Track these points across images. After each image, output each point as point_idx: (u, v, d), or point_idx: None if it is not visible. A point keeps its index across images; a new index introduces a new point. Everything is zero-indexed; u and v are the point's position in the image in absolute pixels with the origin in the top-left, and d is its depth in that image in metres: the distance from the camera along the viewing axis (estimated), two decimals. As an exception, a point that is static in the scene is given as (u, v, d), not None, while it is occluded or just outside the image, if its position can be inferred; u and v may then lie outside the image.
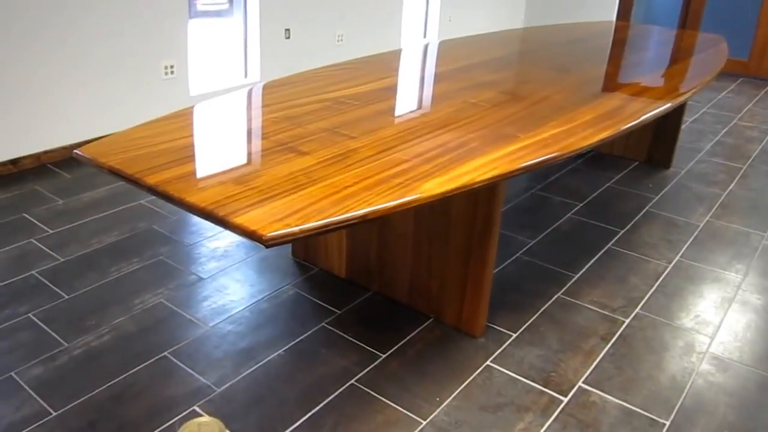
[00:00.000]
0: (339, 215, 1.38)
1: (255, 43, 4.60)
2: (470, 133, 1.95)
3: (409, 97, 2.30)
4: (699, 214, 3.25)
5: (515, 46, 3.27)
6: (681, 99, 2.51)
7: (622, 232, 3.03)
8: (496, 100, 2.31)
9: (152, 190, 1.49)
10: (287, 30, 4.75)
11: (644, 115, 2.25)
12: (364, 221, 1.43)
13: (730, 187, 3.60)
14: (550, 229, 3.02)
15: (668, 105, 2.38)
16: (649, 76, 2.82)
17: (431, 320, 2.28)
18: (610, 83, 2.66)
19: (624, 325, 2.33)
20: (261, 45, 4.59)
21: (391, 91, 2.36)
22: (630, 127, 2.14)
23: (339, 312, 2.29)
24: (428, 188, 1.55)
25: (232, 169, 1.59)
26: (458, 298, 2.19)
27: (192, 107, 2.10)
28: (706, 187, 3.58)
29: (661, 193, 3.47)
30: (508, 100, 2.31)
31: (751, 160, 4.01)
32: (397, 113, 2.09)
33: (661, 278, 2.65)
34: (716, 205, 3.35)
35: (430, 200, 1.52)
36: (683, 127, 4.55)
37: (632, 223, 3.12)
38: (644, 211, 3.26)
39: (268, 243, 1.24)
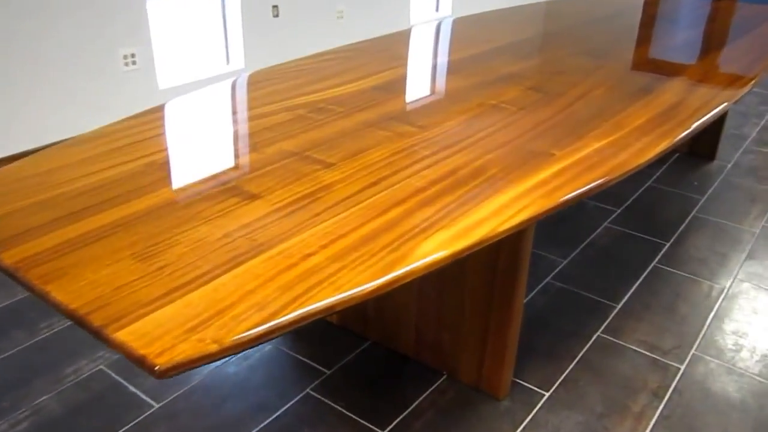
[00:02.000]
0: (287, 314, 0.94)
1: (236, 23, 4.12)
2: (489, 152, 1.50)
3: (409, 99, 1.85)
4: (753, 218, 2.80)
5: (540, 25, 2.80)
6: (747, 87, 2.04)
7: (668, 245, 2.58)
8: (522, 100, 1.86)
9: (10, 275, 1.05)
10: (275, 7, 4.27)
11: (709, 112, 1.79)
12: (331, 313, 0.99)
13: (786, 184, 3.14)
14: (584, 244, 2.58)
15: (735, 96, 1.92)
16: (700, 59, 2.35)
17: (444, 378, 1.85)
18: (658, 70, 2.19)
19: (679, 375, 1.90)
20: (243, 25, 4.11)
21: (388, 90, 1.91)
22: (694, 129, 1.69)
23: (328, 372, 1.86)
24: (428, 250, 1.11)
25: (138, 233, 1.15)
26: (477, 352, 1.76)
27: (120, 122, 1.66)
28: (758, 184, 3.12)
29: (708, 193, 3.02)
30: (537, 100, 1.85)
31: (804, 147, 3.54)
32: (392, 124, 1.65)
33: (716, 307, 2.21)
34: (773, 207, 2.90)
35: (431, 269, 1.09)
36: (724, 110, 4.07)
37: (678, 232, 2.68)
38: (690, 216, 2.81)
39: (162, 374, 0.81)
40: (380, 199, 1.27)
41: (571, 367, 1.93)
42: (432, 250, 1.10)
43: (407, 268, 1.06)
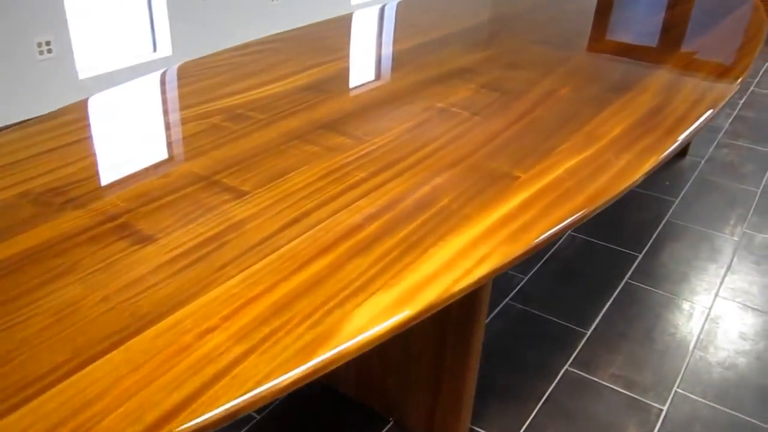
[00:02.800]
0: (172, 429, 0.68)
1: (161, 8, 3.79)
2: (439, 173, 1.25)
3: (344, 102, 1.59)
4: (732, 224, 2.62)
5: (492, 7, 2.55)
6: (738, 82, 1.84)
7: (640, 257, 2.38)
8: (476, 102, 1.61)
9: None
10: (204, -12, 3.94)
11: (699, 118, 1.58)
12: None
13: (764, 182, 2.97)
14: (547, 256, 2.36)
15: (725, 95, 1.71)
16: (677, 48, 2.14)
17: (389, 425, 1.61)
18: (631, 62, 1.97)
19: (661, 418, 1.70)
20: (169, 10, 3.78)
21: (319, 91, 1.65)
22: (683, 141, 1.47)
23: (258, 417, 1.60)
24: (361, 324, 0.87)
25: None
26: (428, 396, 1.53)
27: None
28: (735, 182, 2.95)
29: (682, 194, 2.83)
30: (493, 103, 1.61)
31: (779, 141, 3.39)
32: (321, 136, 1.39)
33: (698, 333, 2.02)
34: (751, 211, 2.72)
35: (366, 349, 0.84)
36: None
37: (651, 241, 2.48)
38: (664, 221, 2.61)
39: None
40: (302, 244, 1.02)
41: (537, 409, 1.71)
42: (366, 325, 0.86)
43: (334, 351, 0.81)
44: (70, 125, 1.44)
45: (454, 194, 1.20)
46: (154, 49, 3.97)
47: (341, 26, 2.27)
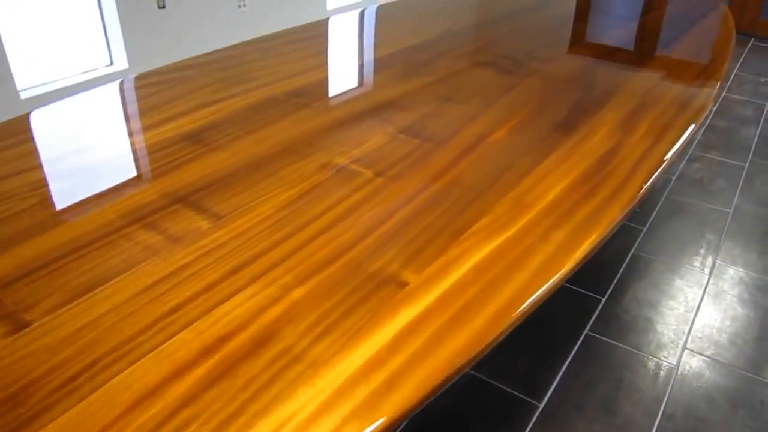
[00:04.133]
0: None
1: (113, 17, 3.35)
2: (303, 280, 0.86)
3: (220, 160, 1.18)
4: (702, 255, 2.21)
5: (449, 21, 2.11)
6: (703, 114, 1.43)
7: (603, 300, 1.97)
8: (389, 155, 1.21)
9: None
10: (160, -3, 3.50)
11: (658, 167, 1.17)
12: None
13: (735, 201, 2.55)
14: (497, 304, 1.94)
15: (685, 131, 1.30)
16: (641, 67, 1.72)
17: None
18: (592, 87, 1.56)
19: None
20: (121, 19, 3.34)
21: (198, 141, 1.25)
22: (641, 198, 1.06)
23: None
24: None
25: None
26: None
27: None
28: (706, 203, 2.53)
29: (650, 221, 2.42)
30: (409, 155, 1.20)
31: (752, 153, 2.97)
32: (167, 219, 0.99)
33: (664, 400, 1.62)
34: (723, 236, 2.31)
35: None
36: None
37: (615, 280, 2.07)
38: (630, 255, 2.20)
39: None
40: (85, 412, 0.61)
41: None
42: None
43: None
44: None
45: (313, 318, 0.79)
46: (110, 62, 3.54)
47: (271, 47, 1.84)
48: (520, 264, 0.89)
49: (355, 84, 1.56)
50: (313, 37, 1.93)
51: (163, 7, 3.54)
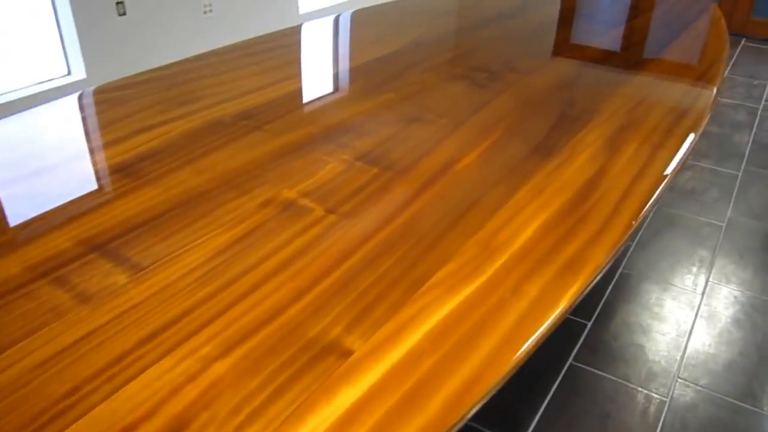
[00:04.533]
0: None
1: (69, 23, 3.21)
2: (227, 351, 0.76)
3: (150, 197, 1.07)
4: (695, 273, 2.11)
5: (424, 27, 1.99)
6: (697, 132, 1.32)
7: (590, 325, 1.86)
8: (343, 186, 1.09)
9: None
10: (120, 3, 3.37)
11: (648, 199, 1.06)
12: None
13: (728, 214, 2.46)
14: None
15: (682, 152, 1.19)
16: (628, 79, 1.62)
17: None
18: (574, 103, 1.45)
19: None
20: (78, 26, 3.21)
21: (128, 174, 1.13)
22: (627, 238, 0.95)
23: None
24: None
25: None
26: None
27: None
28: (698, 215, 2.43)
29: (639, 236, 2.31)
30: (366, 186, 1.09)
31: (745, 160, 2.88)
32: (78, 273, 0.89)
33: (662, 449, 1.52)
34: (716, 252, 2.21)
35: None
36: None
37: (602, 302, 1.96)
38: (618, 274, 2.10)
39: None
40: None
41: None
42: None
43: None
44: None
45: (233, 402, 0.67)
46: (68, 72, 3.41)
47: (228, 60, 1.72)
48: (486, 326, 0.78)
49: (312, 103, 1.44)
50: (274, 49, 1.81)
51: (124, 14, 3.41)
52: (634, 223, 1.02)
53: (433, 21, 2.15)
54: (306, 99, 1.47)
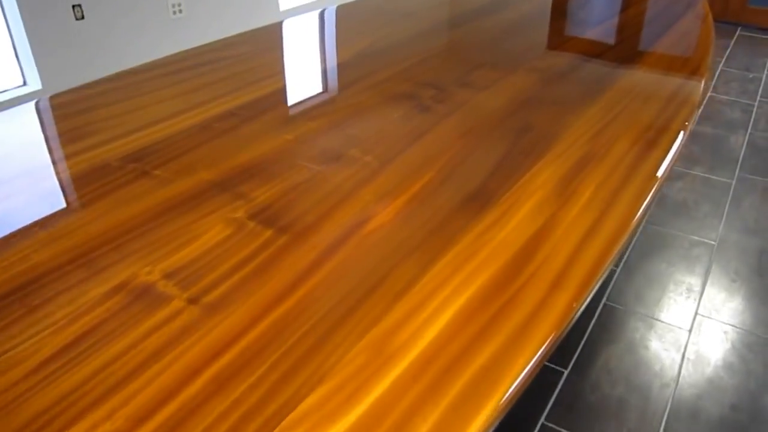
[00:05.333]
0: None
1: (19, 30, 2.97)
2: None
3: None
4: (683, 305, 1.86)
5: (374, 35, 1.73)
6: (672, 152, 1.08)
7: (567, 372, 1.63)
8: (222, 259, 0.89)
9: None
10: (77, 6, 3.12)
11: (602, 267, 0.82)
12: None
13: (720, 231, 2.21)
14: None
15: (648, 198, 0.95)
16: (598, 93, 1.37)
17: None
18: (523, 127, 1.21)
19: None
20: (29, 34, 2.97)
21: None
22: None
23: None
24: None
25: None
26: None
27: None
28: (688, 233, 2.19)
29: (625, 259, 2.07)
30: (250, 258, 0.88)
31: (739, 166, 2.62)
32: None
33: None
34: (707, 277, 1.96)
35: None
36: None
37: (583, 344, 1.72)
38: (600, 307, 1.86)
39: None
40: None
41: None
42: None
43: None
44: None
45: None
46: (24, 82, 3.17)
47: (144, 81, 1.48)
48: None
49: (219, 138, 1.21)
50: (202, 65, 1.58)
51: (82, 18, 3.16)
52: (575, 305, 0.78)
53: (389, 26, 1.90)
54: (212, 133, 1.23)
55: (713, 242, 2.16)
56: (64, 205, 1.00)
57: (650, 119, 1.29)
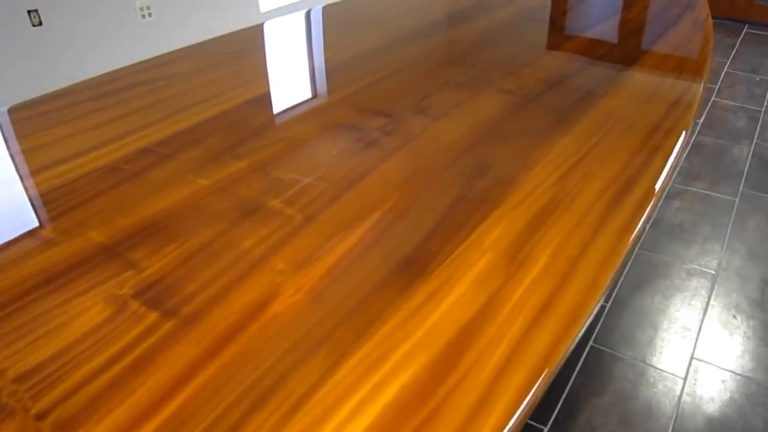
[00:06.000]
0: None
1: (-33, 42, 2.84)
2: None
3: None
4: (678, 347, 1.72)
5: (335, 47, 1.58)
6: (643, 224, 0.93)
7: (546, 430, 1.48)
8: (88, 355, 0.75)
9: None
10: (33, 12, 2.98)
11: (548, 368, 0.67)
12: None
13: (721, 257, 2.05)
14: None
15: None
16: (574, 119, 1.22)
17: None
18: (479, 168, 1.07)
19: None
20: (-23, 45, 2.83)
21: None
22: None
23: None
24: None
25: None
26: None
27: None
28: (685, 262, 2.03)
29: (615, 294, 1.92)
30: (129, 350, 0.72)
31: (744, 180, 2.46)
32: None
33: None
34: (704, 316, 1.81)
35: None
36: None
37: (565, 394, 1.58)
38: (586, 351, 1.71)
39: None
40: None
41: None
42: None
43: None
44: None
45: None
46: (-23, 94, 3.03)
47: (64, 106, 1.34)
48: None
49: (121, 185, 1.06)
50: (132, 87, 1.44)
51: (40, 24, 3.02)
52: (515, 418, 0.63)
53: (353, 36, 1.75)
54: (119, 177, 1.08)
55: (713, 271, 2.01)
56: None
57: (631, 152, 1.14)
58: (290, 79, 1.50)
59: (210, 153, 1.16)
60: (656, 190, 1.03)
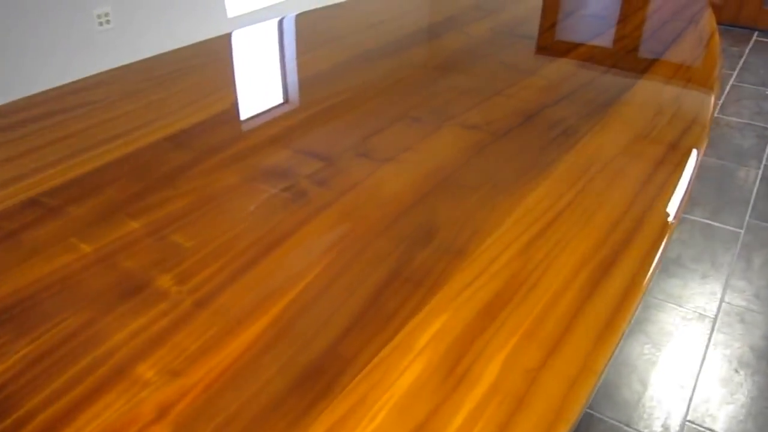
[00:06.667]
0: None
1: None
2: None
3: None
4: (671, 410, 1.54)
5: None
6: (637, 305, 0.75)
7: None
8: None
9: None
10: (-24, 20, 2.80)
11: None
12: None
13: (722, 300, 1.87)
14: None
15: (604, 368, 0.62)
16: (553, 161, 1.04)
17: None
18: (425, 233, 0.89)
19: None
20: None
21: None
22: None
23: None
24: None
25: None
26: None
27: None
28: (680, 305, 1.86)
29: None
30: None
31: (750, 209, 2.28)
32: None
33: None
34: (698, 372, 1.64)
35: None
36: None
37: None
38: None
39: None
40: None
41: None
42: None
43: None
44: None
45: None
46: None
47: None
48: None
49: (39, 222, 0.88)
50: (43, 117, 1.27)
51: (-15, 31, 2.84)
52: None
53: (309, 53, 1.57)
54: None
55: (712, 316, 1.83)
56: None
57: (619, 209, 0.96)
58: (219, 111, 1.32)
59: (103, 208, 0.98)
60: (651, 266, 0.85)
